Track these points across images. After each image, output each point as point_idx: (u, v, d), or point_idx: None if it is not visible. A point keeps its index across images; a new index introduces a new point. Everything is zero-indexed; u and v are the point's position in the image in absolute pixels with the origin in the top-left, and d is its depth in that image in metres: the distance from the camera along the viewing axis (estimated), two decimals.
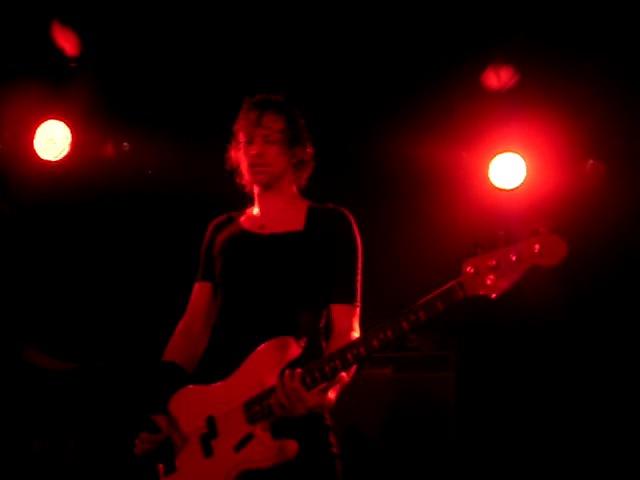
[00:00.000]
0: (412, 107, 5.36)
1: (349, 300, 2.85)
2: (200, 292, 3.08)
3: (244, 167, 3.04)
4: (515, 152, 5.33)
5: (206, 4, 4.93)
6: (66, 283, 6.09)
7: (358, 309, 2.86)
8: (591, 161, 5.38)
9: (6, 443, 5.14)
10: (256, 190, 3.07)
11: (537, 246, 2.11)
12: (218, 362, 2.80)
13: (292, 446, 2.54)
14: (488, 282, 2.20)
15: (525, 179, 5.31)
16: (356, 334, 2.77)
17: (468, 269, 2.24)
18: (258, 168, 2.97)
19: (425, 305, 2.32)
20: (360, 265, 2.91)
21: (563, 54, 4.94)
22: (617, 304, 5.46)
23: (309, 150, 3.10)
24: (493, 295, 2.21)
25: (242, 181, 3.13)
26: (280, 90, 3.10)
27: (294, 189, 3.09)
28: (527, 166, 5.32)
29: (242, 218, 3.08)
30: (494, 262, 2.18)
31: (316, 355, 2.72)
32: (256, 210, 3.07)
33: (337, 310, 2.85)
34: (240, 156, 3.06)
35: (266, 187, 3.02)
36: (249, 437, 2.56)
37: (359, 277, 2.90)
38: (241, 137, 3.03)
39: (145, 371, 3.07)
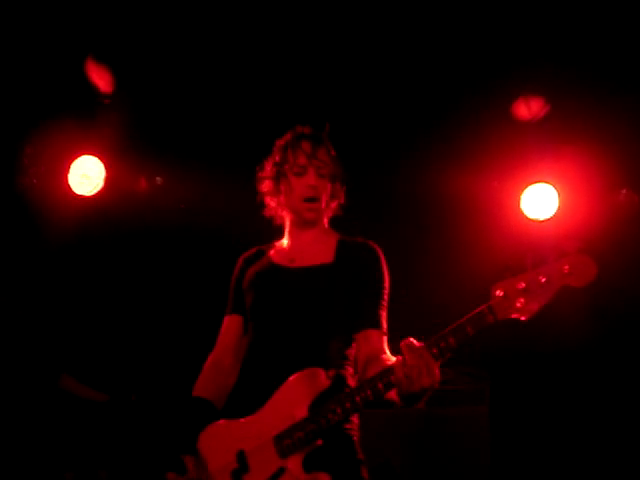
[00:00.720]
0: (444, 137, 5.37)
1: (377, 326, 2.82)
2: (230, 326, 3.06)
3: (292, 198, 3.00)
4: (547, 182, 5.29)
5: (238, 41, 4.98)
6: (101, 315, 6.13)
7: (386, 337, 2.83)
8: (624, 191, 5.33)
9: (40, 474, 5.15)
10: (288, 223, 3.07)
11: (566, 267, 2.09)
12: (248, 396, 2.78)
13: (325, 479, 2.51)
14: (518, 305, 2.17)
15: (557, 209, 5.27)
16: (386, 356, 2.72)
17: (497, 293, 2.22)
18: (311, 205, 2.95)
19: (455, 331, 2.29)
20: (387, 297, 2.90)
21: (594, 84, 4.92)
22: None
23: (343, 186, 3.11)
24: (524, 318, 2.18)
25: (272, 213, 3.13)
26: (326, 123, 3.08)
27: (325, 222, 3.09)
28: (559, 196, 5.28)
29: (272, 252, 3.07)
30: (523, 285, 2.16)
31: (345, 386, 2.72)
32: (286, 243, 3.06)
33: (366, 335, 2.81)
34: (285, 186, 3.02)
35: (311, 224, 3.00)
36: (281, 471, 2.53)
37: (385, 309, 2.88)
38: (290, 167, 2.99)
39: (175, 406, 3.06)
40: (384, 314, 2.86)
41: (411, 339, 2.36)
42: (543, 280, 2.12)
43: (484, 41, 4.86)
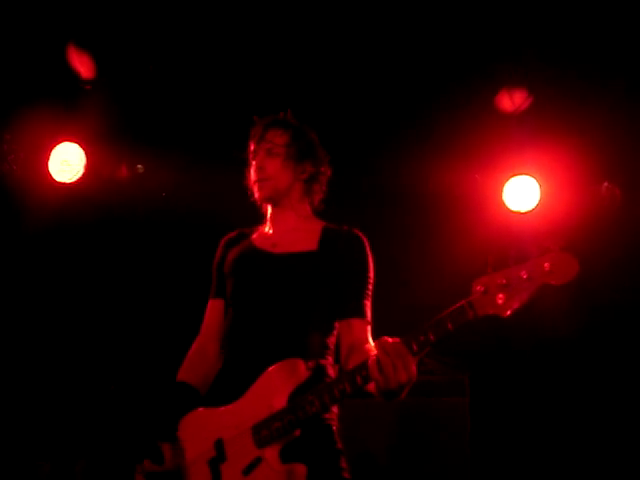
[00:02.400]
0: (426, 129, 5.37)
1: (361, 315, 2.81)
2: (214, 309, 3.06)
3: (251, 184, 3.07)
4: (529, 175, 5.31)
5: (219, 28, 4.96)
6: (80, 303, 6.10)
7: (370, 326, 2.82)
8: (606, 184, 5.35)
9: (15, 465, 5.13)
10: (268, 207, 3.08)
11: (547, 264, 2.09)
12: (229, 384, 2.77)
13: (301, 470, 2.50)
14: (499, 301, 2.17)
15: (539, 202, 5.29)
16: (369, 346, 2.70)
17: (478, 288, 2.21)
18: (259, 184, 2.99)
19: (435, 326, 2.28)
20: (371, 287, 2.88)
21: (577, 76, 4.93)
22: (633, 325, 5.40)
23: (322, 167, 3.09)
24: (504, 314, 2.18)
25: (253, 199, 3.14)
26: (287, 108, 3.12)
27: (308, 208, 3.08)
28: (541, 189, 5.29)
29: (254, 235, 3.07)
30: (504, 281, 2.16)
31: (325, 376, 2.72)
32: (268, 228, 3.05)
33: (349, 324, 2.81)
34: (249, 173, 3.09)
35: (271, 203, 3.02)
36: (258, 461, 2.52)
37: (369, 299, 2.87)
38: (250, 155, 3.07)
39: (157, 392, 3.04)
40: (368, 303, 2.85)
41: (385, 338, 2.36)
42: (524, 277, 2.11)
43: (467, 33, 4.86)
